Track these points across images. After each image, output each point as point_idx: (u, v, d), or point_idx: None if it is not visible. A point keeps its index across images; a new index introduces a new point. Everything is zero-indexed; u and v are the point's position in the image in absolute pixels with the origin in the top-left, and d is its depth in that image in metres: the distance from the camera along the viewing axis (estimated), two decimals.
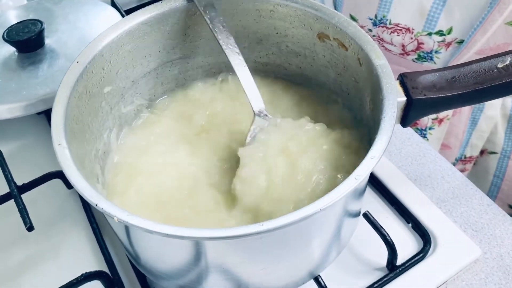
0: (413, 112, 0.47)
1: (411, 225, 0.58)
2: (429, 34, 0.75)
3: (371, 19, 0.78)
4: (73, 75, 0.48)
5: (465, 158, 0.92)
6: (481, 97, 0.48)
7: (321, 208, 0.37)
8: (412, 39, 0.77)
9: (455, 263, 0.54)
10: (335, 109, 0.58)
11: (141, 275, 0.54)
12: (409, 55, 0.80)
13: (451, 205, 0.60)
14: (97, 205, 0.39)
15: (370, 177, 0.58)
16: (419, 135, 0.86)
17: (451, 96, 0.46)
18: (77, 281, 0.49)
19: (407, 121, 0.48)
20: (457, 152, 0.90)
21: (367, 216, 0.53)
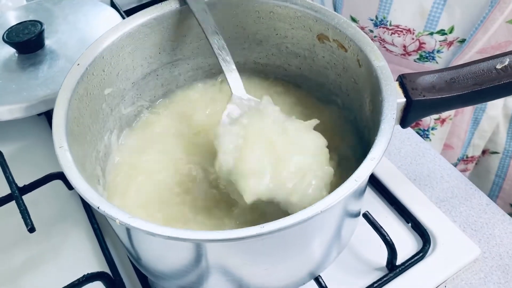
0: (413, 113, 0.47)
1: (410, 224, 0.58)
2: (431, 33, 0.75)
3: (372, 20, 0.78)
4: (74, 78, 0.48)
5: (467, 158, 0.92)
6: (480, 98, 0.48)
7: (322, 210, 0.37)
8: (413, 39, 0.77)
9: (454, 263, 0.54)
10: (334, 110, 0.58)
11: (143, 276, 0.54)
12: (410, 55, 0.80)
13: (450, 204, 0.60)
14: (99, 207, 0.39)
15: (369, 177, 0.57)
16: (422, 135, 0.87)
17: (451, 97, 0.46)
18: (79, 282, 0.49)
19: (406, 122, 0.48)
20: (459, 152, 0.90)
21: (367, 216, 0.54)
